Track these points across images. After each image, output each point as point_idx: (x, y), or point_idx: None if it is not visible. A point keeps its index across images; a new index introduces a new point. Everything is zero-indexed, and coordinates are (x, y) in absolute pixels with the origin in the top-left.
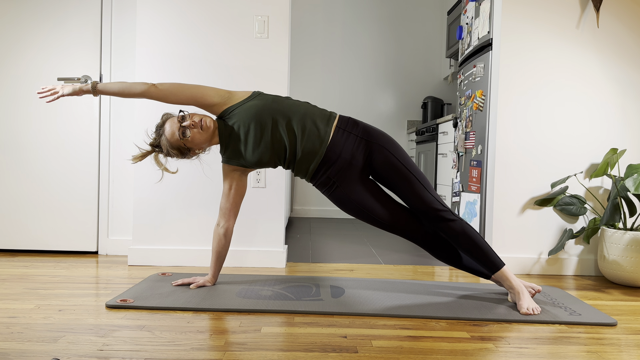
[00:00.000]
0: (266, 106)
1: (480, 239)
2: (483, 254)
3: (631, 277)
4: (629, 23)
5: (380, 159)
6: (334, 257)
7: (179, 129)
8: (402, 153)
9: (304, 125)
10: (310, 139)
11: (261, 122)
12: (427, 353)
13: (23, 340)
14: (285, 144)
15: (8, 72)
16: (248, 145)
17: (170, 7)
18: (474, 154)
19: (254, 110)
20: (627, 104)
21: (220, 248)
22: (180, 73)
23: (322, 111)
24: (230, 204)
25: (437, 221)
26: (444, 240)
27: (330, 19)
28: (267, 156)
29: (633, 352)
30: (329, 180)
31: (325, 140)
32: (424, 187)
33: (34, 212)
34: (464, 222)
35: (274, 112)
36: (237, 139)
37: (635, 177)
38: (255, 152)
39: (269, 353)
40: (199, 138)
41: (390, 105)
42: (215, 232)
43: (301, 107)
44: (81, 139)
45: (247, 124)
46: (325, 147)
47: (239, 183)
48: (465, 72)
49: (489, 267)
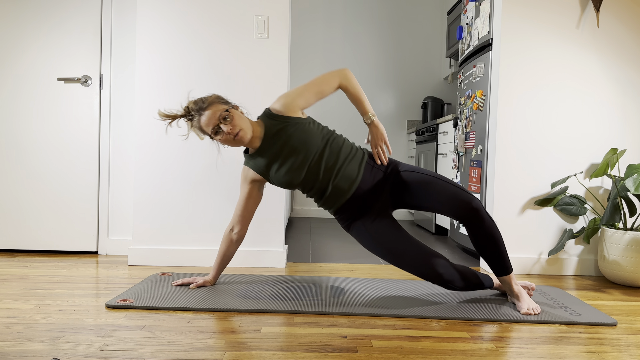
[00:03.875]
0: (317, 137)
1: (501, 238)
2: (499, 253)
3: (631, 277)
4: (629, 23)
5: (401, 181)
6: (334, 257)
7: (215, 125)
8: (416, 166)
9: (341, 166)
10: (343, 179)
11: (307, 150)
12: (427, 353)
13: (23, 340)
14: (319, 178)
15: (9, 72)
16: (283, 166)
17: (170, 8)
18: (474, 154)
19: (308, 137)
20: (627, 104)
21: (228, 252)
22: (180, 73)
23: (357, 150)
24: (248, 212)
25: (472, 212)
26: (456, 273)
27: (330, 19)
28: (296, 181)
29: (633, 352)
30: (352, 215)
31: (356, 182)
32: (448, 183)
33: (34, 212)
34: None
35: (320, 145)
36: (276, 154)
37: (635, 177)
38: (287, 175)
39: (269, 353)
40: (227, 142)
41: (390, 105)
42: (228, 237)
43: (340, 143)
44: (81, 139)
45: (295, 146)
46: (355, 188)
47: (257, 192)
48: (465, 72)
49: (501, 268)
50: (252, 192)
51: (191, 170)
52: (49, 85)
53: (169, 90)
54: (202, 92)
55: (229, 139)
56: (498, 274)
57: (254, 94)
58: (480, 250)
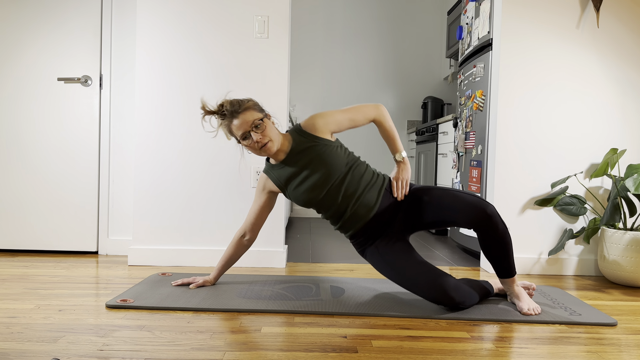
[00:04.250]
0: (342, 161)
1: (511, 243)
2: (507, 258)
3: (631, 277)
4: (629, 23)
5: (414, 200)
6: (334, 257)
7: (246, 131)
8: (426, 185)
9: (361, 193)
10: (362, 206)
11: (330, 173)
12: (427, 353)
13: (23, 340)
14: (338, 202)
15: (10, 73)
16: (303, 184)
17: (169, 8)
18: (474, 154)
19: (333, 160)
20: (627, 104)
21: (236, 256)
22: (180, 73)
23: (377, 177)
24: (261, 220)
25: (487, 218)
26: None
27: (330, 19)
28: (314, 201)
29: (633, 352)
30: (367, 240)
31: (374, 209)
32: (460, 192)
33: (34, 212)
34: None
35: (343, 170)
36: (298, 171)
37: (635, 177)
38: (305, 194)
39: (269, 353)
40: (253, 150)
41: (390, 105)
42: (238, 242)
43: (362, 170)
44: (81, 139)
45: (319, 167)
46: (372, 214)
47: (272, 202)
48: (465, 72)
49: (506, 271)
50: (268, 201)
51: (191, 170)
52: (49, 85)
53: (169, 90)
54: (201, 92)
55: (255, 147)
56: (502, 276)
57: (253, 94)
58: (489, 253)
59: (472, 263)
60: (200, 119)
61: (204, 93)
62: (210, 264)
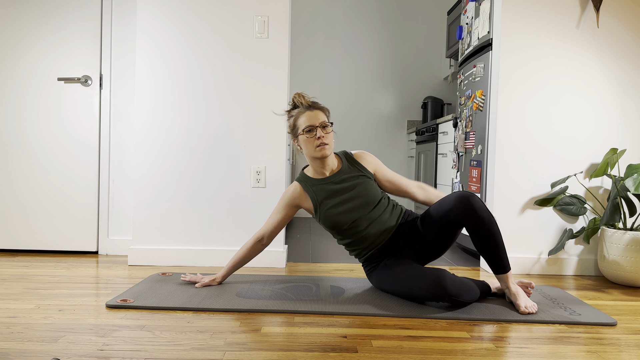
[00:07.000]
0: (378, 194)
1: (500, 235)
2: (497, 248)
3: (631, 277)
4: (629, 23)
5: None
6: (334, 257)
7: (313, 125)
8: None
9: (384, 220)
10: (383, 230)
11: (368, 204)
12: (427, 353)
13: (23, 340)
14: (365, 229)
15: (10, 73)
16: (340, 207)
17: (169, 8)
18: (474, 154)
19: (373, 193)
20: (627, 104)
21: (249, 257)
22: (180, 73)
23: (397, 206)
24: (279, 229)
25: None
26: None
27: (330, 19)
28: (344, 226)
29: (633, 352)
30: (378, 260)
31: (391, 232)
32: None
33: (35, 212)
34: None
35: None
36: (337, 192)
37: (635, 177)
38: (339, 216)
39: (269, 353)
40: (307, 145)
41: (390, 105)
42: (254, 246)
43: (386, 202)
44: (81, 139)
45: (360, 195)
46: (388, 237)
47: (292, 215)
48: (465, 72)
49: (498, 265)
50: (291, 214)
51: (191, 170)
52: (49, 85)
53: (169, 90)
54: (202, 92)
55: (314, 144)
56: (497, 272)
57: (254, 93)
58: (480, 247)
59: (472, 263)
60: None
61: (204, 93)
62: (210, 264)
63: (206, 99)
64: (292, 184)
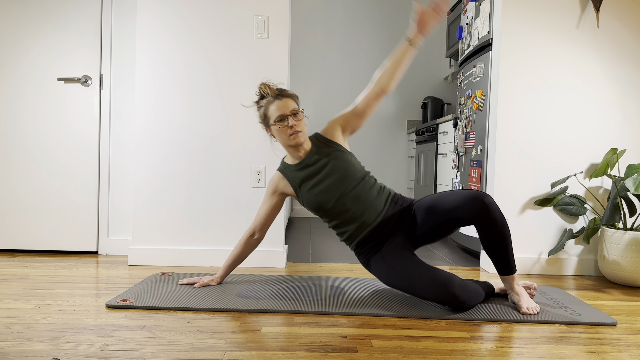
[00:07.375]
0: (357, 170)
1: (510, 237)
2: (506, 250)
3: (631, 277)
4: (629, 23)
5: (418, 209)
6: (334, 257)
7: (284, 115)
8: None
9: (371, 200)
10: (370, 211)
11: (345, 179)
12: (427, 353)
13: (23, 340)
14: (350, 209)
15: (10, 73)
16: (318, 187)
17: (169, 8)
18: (474, 154)
19: (349, 167)
20: (627, 104)
21: (245, 255)
22: (180, 73)
23: (384, 188)
24: (271, 220)
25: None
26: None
27: (330, 19)
28: (326, 206)
29: (633, 352)
30: (371, 248)
31: (381, 215)
32: (454, 190)
33: (35, 212)
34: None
35: (358, 177)
36: (314, 172)
37: (635, 177)
38: (319, 196)
39: (269, 353)
40: (281, 135)
41: (390, 105)
42: (248, 241)
43: (372, 181)
44: (81, 139)
45: (335, 171)
46: (379, 220)
47: (280, 204)
48: (465, 72)
49: (505, 267)
50: (278, 203)
51: (191, 170)
52: (49, 85)
53: (169, 90)
54: (202, 92)
55: (287, 133)
56: (502, 273)
57: (253, 94)
58: (488, 248)
59: (472, 263)
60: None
61: (204, 93)
62: (210, 264)
63: (206, 99)
64: (274, 173)
